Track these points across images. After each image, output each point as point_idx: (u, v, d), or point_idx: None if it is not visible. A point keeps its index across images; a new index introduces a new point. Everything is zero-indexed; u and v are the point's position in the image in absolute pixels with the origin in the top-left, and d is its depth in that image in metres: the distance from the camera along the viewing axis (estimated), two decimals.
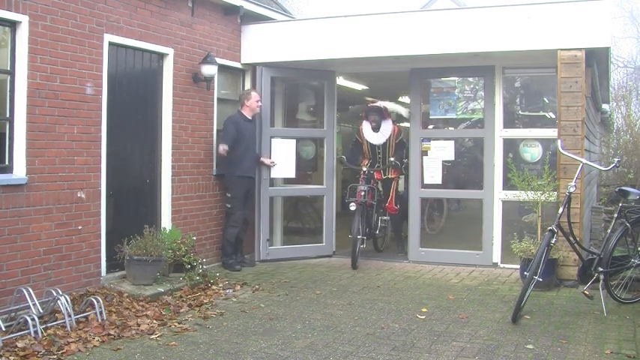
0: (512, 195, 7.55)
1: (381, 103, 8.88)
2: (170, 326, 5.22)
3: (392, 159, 8.46)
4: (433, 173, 8.21)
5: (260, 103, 7.85)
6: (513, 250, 6.91)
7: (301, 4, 16.66)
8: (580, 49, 6.90)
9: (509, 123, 7.91)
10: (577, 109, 6.94)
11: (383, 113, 8.66)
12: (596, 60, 7.53)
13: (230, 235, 7.63)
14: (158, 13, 6.90)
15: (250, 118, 7.75)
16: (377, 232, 8.71)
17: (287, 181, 8.71)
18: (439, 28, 7.47)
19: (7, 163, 5.43)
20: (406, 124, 9.29)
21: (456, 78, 8.45)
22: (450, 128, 8.65)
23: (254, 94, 7.79)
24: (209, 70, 7.36)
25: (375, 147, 8.61)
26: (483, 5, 7.73)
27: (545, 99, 8.35)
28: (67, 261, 5.87)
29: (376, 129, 8.57)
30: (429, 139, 8.29)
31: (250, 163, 7.77)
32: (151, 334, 4.99)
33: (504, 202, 7.80)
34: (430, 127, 8.72)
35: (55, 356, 4.42)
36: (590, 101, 8.57)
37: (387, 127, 8.56)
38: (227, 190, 7.70)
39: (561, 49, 6.94)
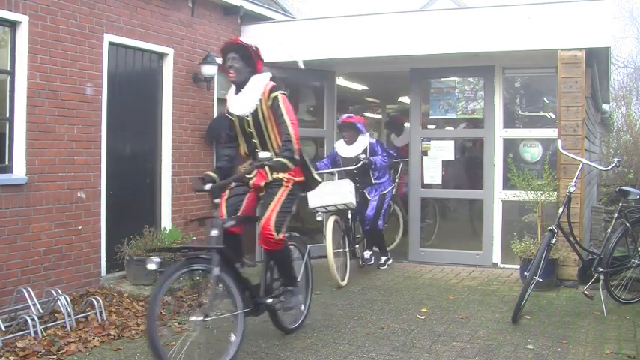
0: (512, 195, 7.55)
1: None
2: (170, 326, 5.22)
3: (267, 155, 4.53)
4: (433, 173, 8.22)
5: None
6: (513, 250, 6.91)
7: (301, 3, 16.67)
8: (580, 49, 6.90)
9: (509, 123, 7.92)
10: (577, 109, 6.94)
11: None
12: (596, 60, 7.53)
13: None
14: (158, 13, 6.90)
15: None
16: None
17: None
18: (439, 28, 7.47)
19: (7, 163, 5.43)
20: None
21: (456, 78, 8.44)
22: (449, 128, 8.65)
23: None
24: (209, 70, 7.36)
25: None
26: (483, 5, 7.73)
27: (545, 99, 8.35)
28: (67, 261, 5.87)
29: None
30: (429, 139, 8.29)
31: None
32: None
33: (504, 202, 7.80)
34: (430, 127, 8.72)
35: (55, 356, 4.42)
36: (590, 101, 8.57)
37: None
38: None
39: (561, 49, 6.94)
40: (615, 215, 6.14)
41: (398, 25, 7.62)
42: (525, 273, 5.61)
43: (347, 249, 7.17)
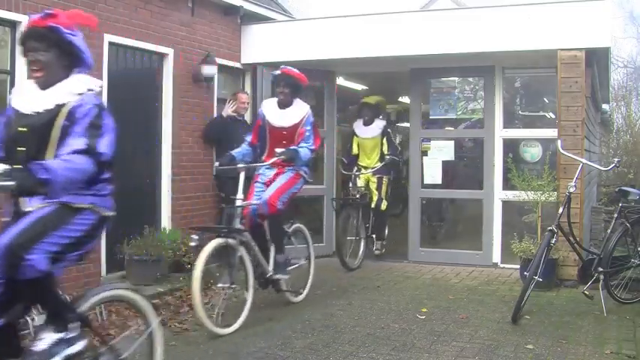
0: (512, 195, 7.55)
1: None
2: (170, 326, 5.22)
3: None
4: (433, 173, 8.22)
5: (246, 105, 7.79)
6: (513, 250, 6.91)
7: (301, 4, 16.65)
8: (580, 50, 6.90)
9: (509, 123, 7.92)
10: (577, 109, 6.93)
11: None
12: (596, 60, 7.53)
13: None
14: (158, 14, 6.89)
15: (239, 118, 7.65)
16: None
17: None
18: (439, 28, 7.47)
19: None
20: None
21: (456, 78, 8.45)
22: (449, 128, 8.65)
23: (240, 96, 7.70)
24: (209, 70, 7.36)
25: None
26: (483, 5, 7.75)
27: (545, 99, 8.35)
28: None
29: None
30: (429, 139, 8.29)
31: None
32: None
33: (504, 202, 7.79)
34: (430, 127, 8.72)
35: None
36: (590, 101, 8.57)
37: None
38: (220, 190, 7.66)
39: (561, 49, 6.94)
40: (615, 215, 6.14)
41: (398, 25, 7.62)
42: (525, 273, 5.61)
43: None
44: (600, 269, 5.80)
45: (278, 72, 5.89)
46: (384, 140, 8.25)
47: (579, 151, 6.82)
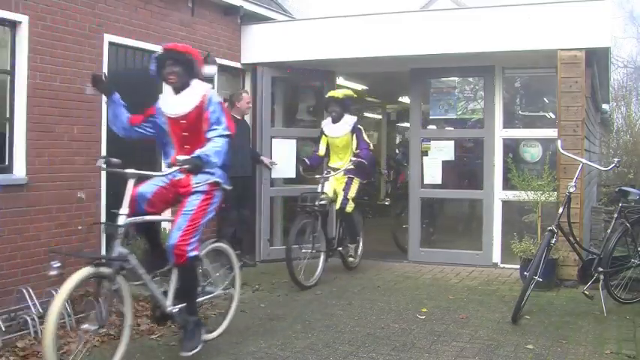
0: (512, 195, 7.55)
1: None
2: (170, 326, 5.21)
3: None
4: (433, 173, 8.21)
5: (250, 105, 7.79)
6: (513, 250, 6.91)
7: (301, 4, 16.66)
8: (580, 50, 6.90)
9: (509, 123, 7.92)
10: (577, 109, 6.94)
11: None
12: (596, 60, 7.53)
13: (225, 236, 7.59)
14: (158, 14, 6.89)
15: (240, 118, 7.64)
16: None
17: (287, 181, 8.70)
18: (439, 28, 7.47)
19: (7, 163, 5.43)
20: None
21: (456, 78, 8.45)
22: (449, 128, 8.65)
23: (245, 96, 7.70)
24: (209, 70, 7.34)
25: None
26: (483, 5, 7.74)
27: (545, 99, 8.35)
28: (67, 261, 5.85)
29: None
30: (428, 139, 8.29)
31: (242, 164, 7.54)
32: (151, 334, 4.99)
33: (504, 202, 7.80)
34: (430, 127, 8.72)
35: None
36: (590, 101, 8.57)
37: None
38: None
39: (561, 49, 6.94)
40: (615, 215, 6.14)
41: (398, 25, 7.62)
42: (525, 273, 5.61)
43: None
44: (600, 269, 5.80)
45: (160, 51, 4.63)
46: (354, 137, 7.41)
47: (579, 151, 6.82)
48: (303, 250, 6.83)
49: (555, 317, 5.58)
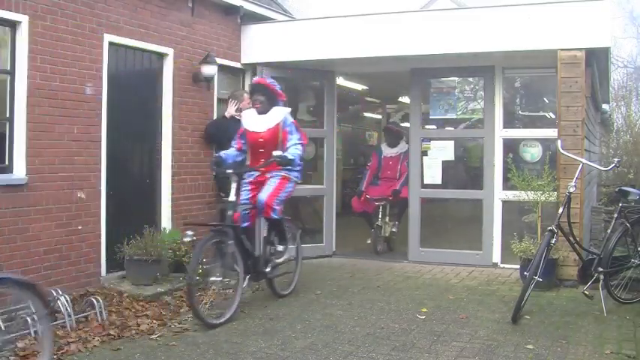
0: (512, 195, 7.54)
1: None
2: (170, 326, 5.23)
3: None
4: (433, 173, 8.21)
5: (250, 105, 7.75)
6: (513, 250, 6.91)
7: (301, 4, 16.65)
8: (580, 49, 6.90)
9: (509, 123, 7.91)
10: (577, 109, 6.94)
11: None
12: (596, 60, 7.53)
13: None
14: (158, 13, 6.89)
15: (239, 118, 7.60)
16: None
17: None
18: (439, 28, 7.47)
19: (7, 163, 5.43)
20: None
21: (456, 78, 8.44)
22: (450, 128, 8.64)
23: (245, 96, 7.64)
24: (209, 70, 7.35)
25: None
26: (483, 5, 7.74)
27: (545, 99, 8.35)
28: (67, 261, 5.87)
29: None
30: (428, 139, 8.29)
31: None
32: (151, 334, 4.99)
33: (504, 202, 7.79)
34: (430, 127, 8.72)
35: (55, 356, 4.41)
36: (590, 101, 8.57)
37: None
38: (220, 190, 7.65)
39: (561, 49, 6.94)
40: (615, 215, 6.14)
41: (398, 25, 7.62)
42: (525, 273, 5.61)
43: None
44: (600, 269, 5.80)
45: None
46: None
47: (579, 151, 6.82)
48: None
49: (555, 317, 5.58)
